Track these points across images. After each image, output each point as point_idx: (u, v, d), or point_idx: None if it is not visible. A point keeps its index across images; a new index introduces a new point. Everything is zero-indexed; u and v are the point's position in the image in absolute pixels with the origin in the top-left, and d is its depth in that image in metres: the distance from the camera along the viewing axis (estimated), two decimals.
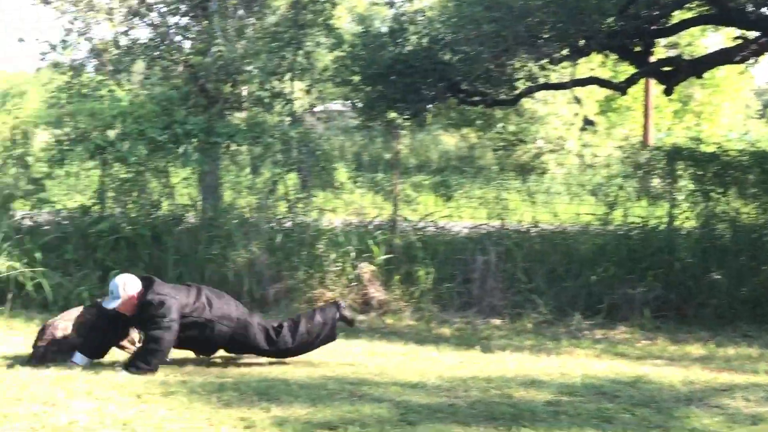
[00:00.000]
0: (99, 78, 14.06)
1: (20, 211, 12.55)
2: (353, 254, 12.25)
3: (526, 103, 27.46)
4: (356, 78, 16.02)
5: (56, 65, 14.84)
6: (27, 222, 12.33)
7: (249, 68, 12.74)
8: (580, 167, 29.40)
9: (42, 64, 15.21)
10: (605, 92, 29.27)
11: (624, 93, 16.63)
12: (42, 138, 13.23)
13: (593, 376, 8.33)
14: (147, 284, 8.09)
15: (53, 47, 14.61)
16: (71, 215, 12.42)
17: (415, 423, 6.33)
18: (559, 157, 29.50)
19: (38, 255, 11.11)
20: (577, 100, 14.85)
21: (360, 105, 17.83)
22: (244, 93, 13.79)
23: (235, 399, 6.84)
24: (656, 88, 26.80)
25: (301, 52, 14.77)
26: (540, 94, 27.12)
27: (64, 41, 14.60)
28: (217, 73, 12.99)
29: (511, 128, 30.29)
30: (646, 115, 30.97)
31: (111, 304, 8.00)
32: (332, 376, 7.87)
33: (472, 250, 12.44)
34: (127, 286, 8.00)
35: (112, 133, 12.02)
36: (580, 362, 9.26)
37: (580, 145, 29.74)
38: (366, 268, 12.12)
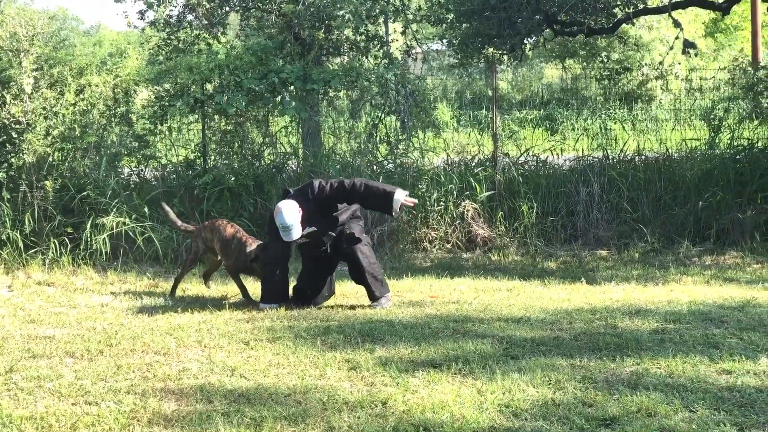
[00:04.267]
0: (195, 33, 14.18)
1: (127, 168, 12.82)
2: (455, 193, 12.23)
3: (630, 30, 26.90)
4: (450, 15, 15.90)
5: (153, 23, 15.02)
6: (134, 178, 12.59)
7: (341, 12, 12.68)
8: (687, 92, 28.75)
9: (141, 23, 15.36)
10: (710, 14, 28.50)
11: (726, 13, 16.14)
12: (143, 96, 13.43)
13: (700, 302, 8.21)
14: (296, 196, 8.52)
15: (149, 5, 14.78)
16: (176, 169, 12.65)
17: (518, 357, 6.34)
18: (665, 83, 28.86)
19: (146, 210, 11.35)
20: (676, 24, 14.44)
21: (456, 43, 17.76)
22: (340, 38, 13.76)
23: (340, 341, 6.93)
24: (763, 5, 25.91)
25: None
26: (644, 20, 26.54)
27: None
28: (310, 20, 12.99)
29: (615, 57, 29.72)
30: (754, 34, 29.98)
31: (293, 236, 8.35)
32: (436, 315, 7.91)
33: (575, 183, 12.33)
34: (292, 212, 8.29)
35: (210, 87, 12.16)
36: (687, 289, 9.15)
37: (686, 69, 29.03)
38: (469, 206, 12.11)
